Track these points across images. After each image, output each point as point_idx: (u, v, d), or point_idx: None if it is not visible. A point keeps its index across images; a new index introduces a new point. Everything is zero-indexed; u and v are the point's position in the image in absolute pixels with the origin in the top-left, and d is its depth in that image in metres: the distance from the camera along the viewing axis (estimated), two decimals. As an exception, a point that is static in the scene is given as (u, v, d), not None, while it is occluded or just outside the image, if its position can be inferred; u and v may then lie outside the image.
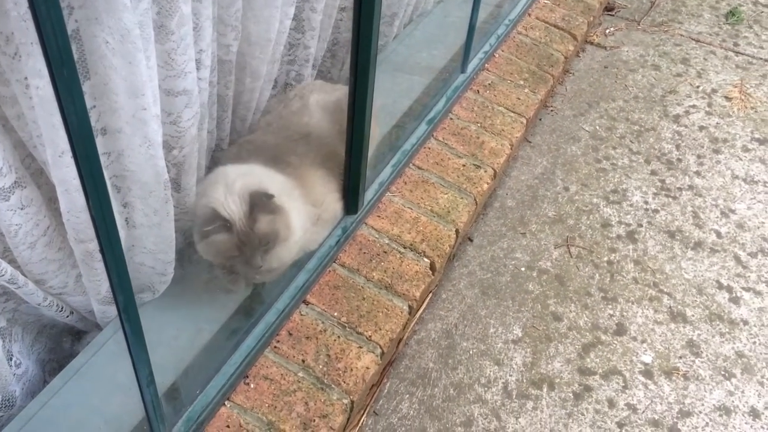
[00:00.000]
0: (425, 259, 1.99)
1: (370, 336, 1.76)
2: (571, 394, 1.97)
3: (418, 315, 2.07)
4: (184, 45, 1.32)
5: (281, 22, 1.74)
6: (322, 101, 1.95)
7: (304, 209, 1.72)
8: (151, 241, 1.52)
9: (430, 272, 1.96)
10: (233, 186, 1.55)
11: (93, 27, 1.13)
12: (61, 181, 1.21)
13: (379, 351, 1.74)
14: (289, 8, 1.74)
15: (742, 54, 3.45)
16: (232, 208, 1.51)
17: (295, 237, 1.62)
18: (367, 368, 1.69)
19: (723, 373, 2.07)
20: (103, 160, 1.34)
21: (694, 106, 3.11)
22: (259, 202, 1.52)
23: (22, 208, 1.23)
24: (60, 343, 1.69)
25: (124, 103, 1.25)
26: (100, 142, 1.31)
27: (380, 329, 1.78)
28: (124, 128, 1.29)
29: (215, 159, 1.86)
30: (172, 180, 1.52)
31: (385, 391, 1.92)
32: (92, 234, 1.28)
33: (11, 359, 1.48)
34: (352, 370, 1.68)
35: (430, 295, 2.16)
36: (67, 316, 1.56)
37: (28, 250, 1.31)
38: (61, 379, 1.52)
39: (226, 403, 1.56)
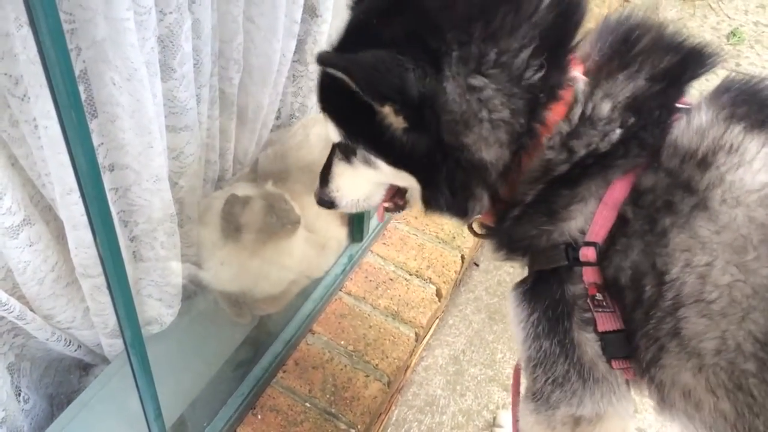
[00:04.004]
0: (431, 286, 1.99)
1: (377, 364, 1.76)
2: (580, 420, 1.96)
3: (425, 341, 2.07)
4: (186, 82, 1.34)
5: (283, 55, 1.77)
6: (324, 134, 1.97)
7: (304, 234, 1.73)
8: (158, 274, 1.53)
9: (437, 299, 1.97)
10: (235, 185, 1.68)
11: (100, 67, 1.15)
12: (69, 218, 1.23)
13: (386, 379, 1.74)
14: (291, 41, 1.77)
15: (745, 74, 3.46)
16: (246, 190, 1.62)
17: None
18: (375, 397, 1.69)
19: None
20: (110, 195, 1.36)
21: (696, 127, 3.12)
22: (252, 172, 1.70)
23: (30, 245, 1.24)
24: (68, 377, 1.69)
25: (131, 140, 1.27)
26: (107, 178, 1.33)
27: (387, 357, 1.78)
28: (131, 164, 1.31)
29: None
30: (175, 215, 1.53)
31: (393, 419, 1.91)
32: (100, 269, 1.29)
33: (20, 395, 1.48)
34: (359, 399, 1.68)
35: (437, 321, 2.15)
36: (75, 350, 1.57)
37: (36, 286, 1.32)
38: (69, 413, 1.53)
39: (233, 435, 1.56)
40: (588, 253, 0.97)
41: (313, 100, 2.13)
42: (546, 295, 1.04)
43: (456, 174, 0.98)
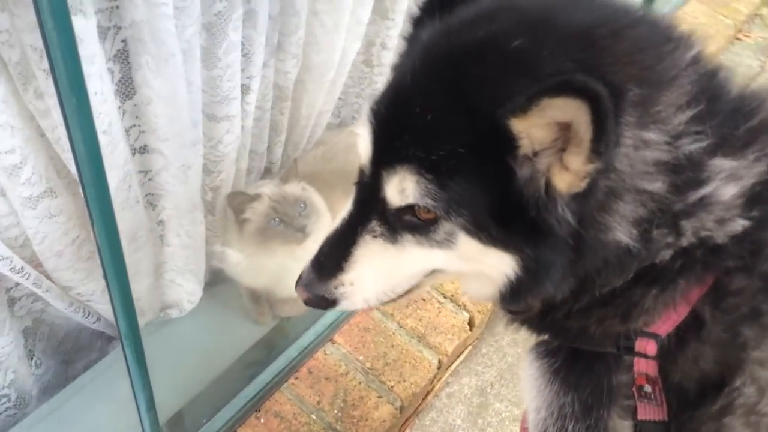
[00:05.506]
0: (465, 313, 1.89)
1: (392, 387, 1.68)
2: (603, 481, 1.82)
3: (452, 367, 1.98)
4: (231, 72, 1.31)
5: (344, 56, 1.71)
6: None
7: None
8: (182, 261, 1.51)
9: (468, 327, 1.87)
10: (261, 182, 1.65)
11: (138, 47, 1.13)
12: (89, 195, 1.21)
13: (399, 404, 1.66)
14: (355, 42, 1.71)
15: None
16: (260, 188, 1.56)
17: (326, 213, 1.62)
18: (384, 421, 1.62)
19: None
20: (139, 177, 1.34)
21: None
22: (287, 173, 1.62)
23: (50, 217, 1.24)
24: (87, 348, 1.70)
25: (163, 125, 1.24)
26: (138, 159, 1.31)
27: (404, 381, 1.70)
28: (162, 149, 1.29)
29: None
30: (208, 203, 1.51)
31: (406, 443, 1.84)
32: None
33: (32, 359, 1.50)
34: (367, 420, 1.61)
35: (470, 347, 2.06)
36: (94, 322, 1.57)
37: (54, 257, 1.31)
38: (77, 385, 1.54)
39: (231, 435, 1.53)
40: (648, 346, 0.84)
41: (375, 103, 2.06)
42: (588, 380, 0.91)
43: (582, 257, 0.78)
